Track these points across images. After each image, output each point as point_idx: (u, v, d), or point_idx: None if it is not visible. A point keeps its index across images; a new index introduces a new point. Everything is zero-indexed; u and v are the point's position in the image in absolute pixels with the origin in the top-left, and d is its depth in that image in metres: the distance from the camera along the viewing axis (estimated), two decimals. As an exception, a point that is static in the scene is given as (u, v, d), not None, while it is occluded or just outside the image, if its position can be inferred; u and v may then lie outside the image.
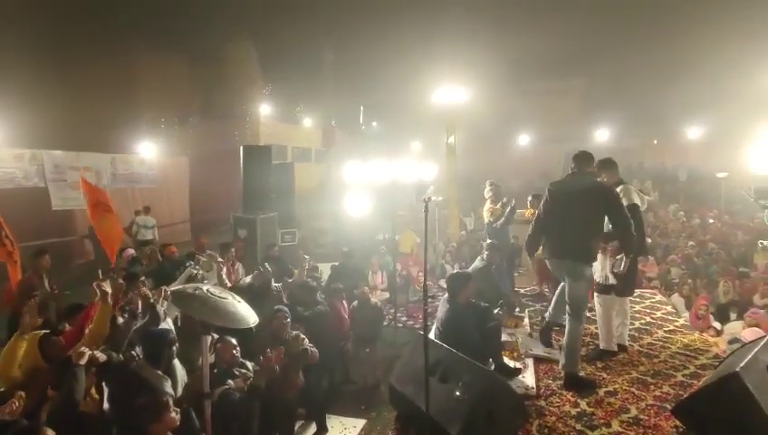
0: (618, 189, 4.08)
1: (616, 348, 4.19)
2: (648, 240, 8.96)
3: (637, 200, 4.09)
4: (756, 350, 3.07)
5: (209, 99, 17.73)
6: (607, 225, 4.17)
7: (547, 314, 4.30)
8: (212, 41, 17.31)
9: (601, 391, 3.60)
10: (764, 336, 3.46)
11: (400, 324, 7.23)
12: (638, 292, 6.03)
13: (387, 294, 8.50)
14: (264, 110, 16.45)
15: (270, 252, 6.87)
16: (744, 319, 6.65)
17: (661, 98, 20.35)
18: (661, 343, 4.44)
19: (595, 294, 4.25)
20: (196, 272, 4.78)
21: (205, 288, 3.11)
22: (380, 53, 18.34)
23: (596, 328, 4.87)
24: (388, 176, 6.38)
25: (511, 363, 3.91)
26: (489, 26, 18.54)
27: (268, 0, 17.25)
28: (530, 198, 6.62)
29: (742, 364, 2.85)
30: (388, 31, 17.56)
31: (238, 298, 3.19)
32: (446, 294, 4.07)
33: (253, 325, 3.13)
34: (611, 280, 4.46)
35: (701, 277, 8.96)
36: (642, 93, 20.64)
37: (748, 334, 5.65)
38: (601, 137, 20.44)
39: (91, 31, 15.46)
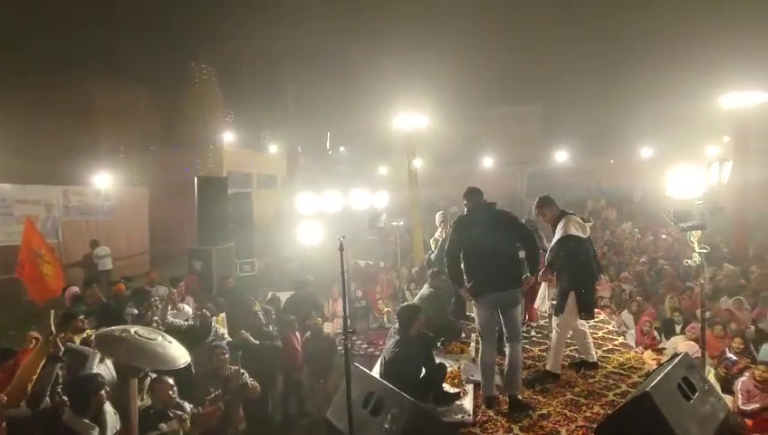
0: (560, 223, 4.28)
1: (560, 371, 4.30)
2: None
3: (572, 231, 4.21)
4: (669, 368, 3.25)
5: (171, 127, 17.54)
6: (548, 253, 4.40)
7: (484, 388, 3.91)
8: (174, 67, 17.25)
9: (536, 414, 3.70)
10: (679, 354, 3.63)
11: (361, 352, 7.24)
12: (581, 312, 6.22)
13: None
14: (228, 137, 16.40)
15: (223, 284, 6.81)
16: (684, 333, 6.96)
17: (617, 120, 21.36)
18: (600, 364, 4.58)
19: (554, 318, 4.40)
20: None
21: (132, 330, 3.08)
22: (346, 78, 18.69)
23: (540, 350, 5.05)
24: (339, 204, 6.47)
25: (451, 390, 3.98)
26: (450, 54, 19.20)
27: (232, 27, 17.37)
28: None
29: (653, 384, 3.02)
30: (353, 56, 17.97)
31: (169, 338, 3.17)
32: (396, 325, 4.12)
33: (183, 365, 3.11)
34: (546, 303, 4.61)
35: (650, 293, 9.33)
36: (598, 116, 21.60)
37: (684, 349, 5.90)
38: (561, 158, 21.22)
39: (44, 57, 15.19)
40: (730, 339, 6.50)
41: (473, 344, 5.15)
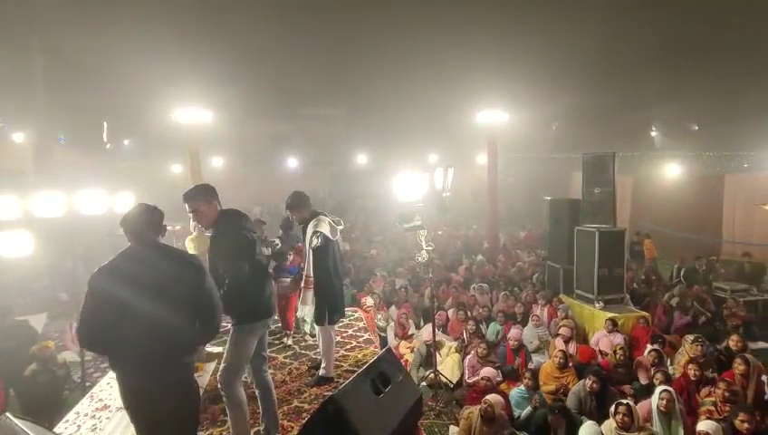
0: (312, 223, 4.13)
1: (333, 375, 4.32)
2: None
3: (326, 231, 4.12)
4: (365, 366, 3.38)
5: None
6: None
7: None
8: None
9: (252, 431, 3.48)
10: (383, 350, 3.83)
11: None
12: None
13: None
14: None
15: None
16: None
17: (408, 127, 23.42)
18: (336, 364, 4.64)
19: (317, 326, 4.24)
20: None
21: None
22: (122, 58, 16.07)
23: (283, 357, 4.93)
24: (62, 208, 5.31)
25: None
26: (248, 51, 18.39)
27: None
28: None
29: (342, 386, 3.06)
30: (131, 38, 15.59)
31: None
32: None
33: None
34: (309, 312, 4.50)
35: (419, 286, 10.31)
36: (392, 122, 23.36)
37: (424, 333, 6.57)
38: (361, 161, 22.45)
39: None
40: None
41: (212, 365, 4.73)
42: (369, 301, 7.57)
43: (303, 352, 5.01)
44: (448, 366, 6.16)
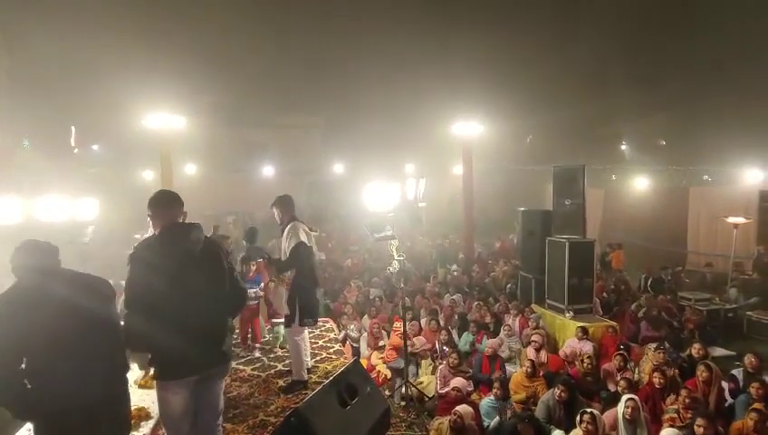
0: (288, 227, 4.22)
1: (306, 377, 4.34)
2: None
3: (303, 238, 4.22)
4: (333, 378, 3.32)
5: None
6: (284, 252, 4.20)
7: None
8: None
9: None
10: (349, 362, 3.78)
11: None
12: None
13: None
14: None
15: None
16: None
17: (387, 136, 23.50)
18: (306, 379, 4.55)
19: (286, 329, 4.37)
20: None
21: None
22: (96, 65, 15.77)
23: (252, 369, 4.82)
24: (21, 214, 5.10)
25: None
26: (224, 57, 18.23)
27: None
28: None
29: (307, 398, 2.99)
30: (102, 40, 15.28)
31: None
32: None
33: None
34: (286, 310, 4.49)
35: (394, 296, 10.26)
36: (371, 131, 23.42)
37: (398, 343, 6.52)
38: (339, 170, 22.40)
39: None
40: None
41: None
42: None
43: (272, 363, 4.91)
44: (426, 382, 6.12)
